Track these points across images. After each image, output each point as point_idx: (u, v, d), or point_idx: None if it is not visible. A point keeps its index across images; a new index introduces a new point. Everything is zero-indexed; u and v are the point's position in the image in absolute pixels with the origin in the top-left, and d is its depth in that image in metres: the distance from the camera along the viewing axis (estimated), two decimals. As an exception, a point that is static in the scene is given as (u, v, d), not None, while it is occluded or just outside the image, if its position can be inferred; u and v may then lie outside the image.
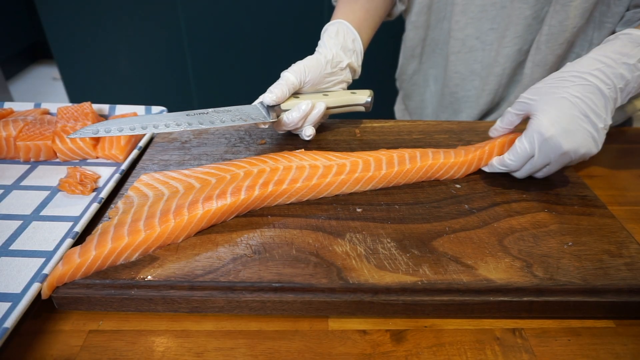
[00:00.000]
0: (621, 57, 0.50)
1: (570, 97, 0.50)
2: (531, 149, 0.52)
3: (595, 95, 0.49)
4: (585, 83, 0.50)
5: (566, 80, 0.51)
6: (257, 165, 0.54)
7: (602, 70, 0.50)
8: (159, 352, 0.39)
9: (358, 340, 0.41)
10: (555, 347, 0.40)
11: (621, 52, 0.50)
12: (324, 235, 0.47)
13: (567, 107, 0.49)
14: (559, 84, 0.51)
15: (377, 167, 0.55)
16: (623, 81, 0.50)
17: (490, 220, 0.50)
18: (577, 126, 0.49)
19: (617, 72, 0.49)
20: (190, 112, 0.55)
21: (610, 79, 0.49)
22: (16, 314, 0.38)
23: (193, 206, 0.47)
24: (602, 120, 0.50)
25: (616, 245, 0.47)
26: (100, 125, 0.52)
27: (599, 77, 0.50)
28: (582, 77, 0.50)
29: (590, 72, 0.50)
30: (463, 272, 0.43)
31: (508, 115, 0.56)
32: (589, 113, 0.49)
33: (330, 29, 0.66)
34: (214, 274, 0.42)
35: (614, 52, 0.50)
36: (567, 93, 0.50)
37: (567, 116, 0.49)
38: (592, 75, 0.50)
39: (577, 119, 0.49)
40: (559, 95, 0.50)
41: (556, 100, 0.50)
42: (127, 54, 1.75)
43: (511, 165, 0.54)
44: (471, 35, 0.76)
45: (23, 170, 0.59)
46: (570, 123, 0.49)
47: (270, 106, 0.58)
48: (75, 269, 0.42)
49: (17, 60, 2.85)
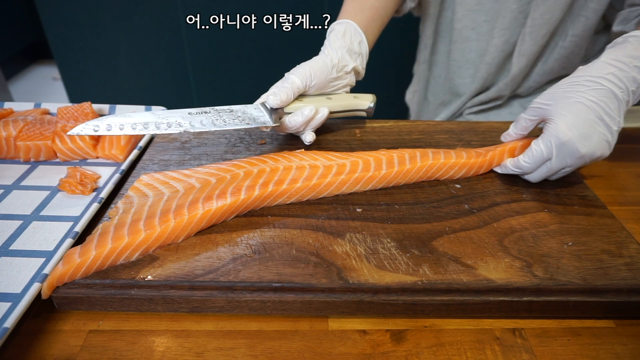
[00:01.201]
0: (633, 61, 0.51)
1: (586, 101, 0.50)
2: (548, 153, 0.52)
3: (609, 99, 0.50)
4: (600, 87, 0.50)
5: (581, 84, 0.51)
6: (257, 165, 0.54)
7: (615, 74, 0.51)
8: (159, 352, 0.39)
9: (358, 340, 0.41)
10: (555, 347, 0.40)
11: (632, 56, 0.51)
12: (324, 235, 0.47)
13: (583, 111, 0.50)
14: (574, 89, 0.52)
15: (377, 167, 0.55)
16: (635, 84, 0.51)
17: (490, 220, 0.50)
18: (593, 130, 0.50)
19: (630, 75, 0.51)
20: (192, 111, 0.54)
21: (623, 82, 0.50)
22: (16, 314, 0.38)
23: (193, 206, 0.47)
24: (616, 123, 0.51)
25: (616, 245, 0.47)
26: (101, 121, 0.51)
27: (613, 81, 0.50)
28: (597, 82, 0.51)
29: (603, 76, 0.51)
30: (463, 272, 0.43)
31: (522, 121, 0.57)
32: (604, 116, 0.50)
33: (338, 29, 0.66)
34: (214, 274, 0.42)
35: (625, 55, 0.51)
36: (583, 97, 0.51)
37: (584, 120, 0.50)
38: (606, 80, 0.51)
39: (593, 122, 0.50)
40: (575, 99, 0.51)
41: (572, 105, 0.51)
42: (127, 54, 1.75)
43: (525, 168, 0.55)
44: (467, 26, 0.81)
45: (23, 170, 0.59)
46: (587, 127, 0.50)
47: (273, 108, 0.58)
48: (76, 269, 0.42)
49: (17, 60, 2.85)
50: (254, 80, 1.73)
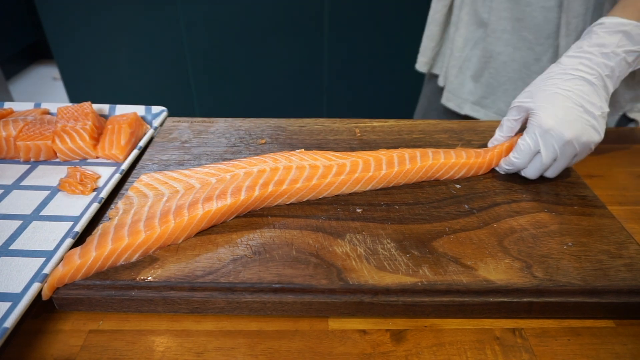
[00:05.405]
0: (599, 49, 0.54)
1: (561, 91, 0.53)
2: (534, 145, 0.53)
3: (583, 86, 0.53)
4: (571, 77, 0.54)
5: (553, 78, 0.55)
6: (257, 165, 0.54)
7: (584, 64, 0.54)
8: (159, 352, 0.39)
9: (358, 340, 0.41)
10: (555, 347, 0.40)
11: (597, 44, 0.54)
12: (324, 235, 0.47)
13: (560, 100, 0.53)
14: (548, 82, 0.55)
15: (377, 167, 0.55)
16: (607, 69, 0.53)
17: (490, 221, 0.50)
18: (575, 116, 0.52)
19: (599, 61, 0.53)
20: None
21: (594, 68, 0.53)
22: (16, 314, 0.38)
23: (193, 207, 0.47)
24: (597, 108, 0.52)
25: (616, 246, 0.47)
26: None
27: (582, 70, 0.53)
28: (568, 73, 0.54)
29: (573, 66, 0.54)
30: (463, 273, 0.43)
31: (506, 123, 0.59)
32: (582, 103, 0.52)
33: None
34: (214, 275, 0.42)
35: (590, 45, 0.54)
36: (558, 88, 0.53)
37: (563, 108, 0.52)
38: (576, 69, 0.54)
39: (573, 109, 0.52)
40: (551, 91, 0.54)
41: (549, 96, 0.53)
42: (127, 54, 1.75)
43: (516, 163, 0.55)
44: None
45: (23, 170, 0.59)
46: (567, 114, 0.52)
47: None
48: (76, 270, 0.42)
49: (17, 60, 2.85)
50: (253, 80, 1.73)
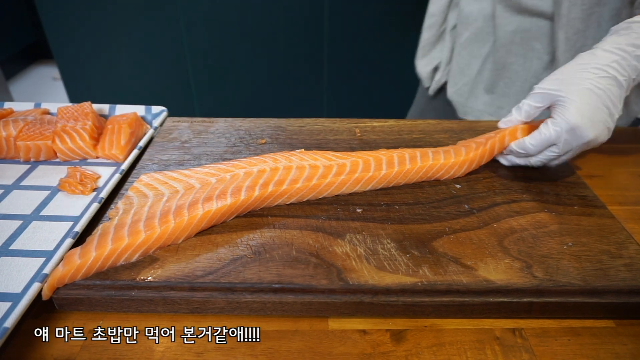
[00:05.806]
0: (635, 50, 0.52)
1: (595, 89, 0.51)
2: (556, 137, 0.52)
3: (614, 87, 0.52)
4: (606, 75, 0.52)
5: (587, 72, 0.52)
6: (257, 165, 0.54)
7: (619, 63, 0.52)
8: (159, 352, 0.39)
9: (358, 340, 0.41)
10: (555, 347, 0.40)
11: (634, 44, 0.52)
12: (324, 235, 0.47)
13: (593, 99, 0.51)
14: (582, 76, 0.52)
15: (377, 167, 0.55)
16: (636, 72, 0.52)
17: (490, 221, 0.50)
18: (600, 117, 0.51)
19: (632, 64, 0.52)
20: None
21: (626, 70, 0.52)
22: (16, 314, 0.38)
23: (193, 207, 0.47)
24: (618, 111, 0.52)
25: (616, 246, 0.47)
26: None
27: (617, 69, 0.52)
28: (603, 69, 0.52)
29: (609, 64, 0.52)
30: (463, 273, 0.43)
31: (526, 107, 0.56)
32: (609, 105, 0.51)
33: None
34: (214, 275, 0.42)
35: (628, 44, 0.52)
36: (592, 85, 0.52)
37: (592, 107, 0.51)
38: (612, 68, 0.52)
39: (601, 110, 0.51)
40: (584, 86, 0.52)
41: (583, 91, 0.52)
42: (127, 54, 1.75)
43: (530, 149, 0.55)
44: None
45: (23, 170, 0.59)
46: (595, 114, 0.51)
47: None
48: (76, 270, 0.42)
49: (17, 60, 2.85)
50: (254, 80, 1.73)
